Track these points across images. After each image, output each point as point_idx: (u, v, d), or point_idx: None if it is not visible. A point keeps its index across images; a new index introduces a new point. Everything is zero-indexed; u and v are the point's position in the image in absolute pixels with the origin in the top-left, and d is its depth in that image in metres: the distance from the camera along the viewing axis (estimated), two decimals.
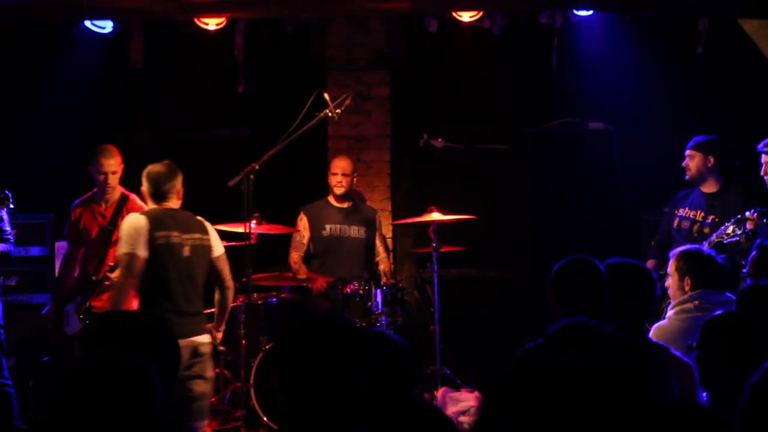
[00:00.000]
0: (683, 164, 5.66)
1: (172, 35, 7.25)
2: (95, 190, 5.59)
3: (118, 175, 5.55)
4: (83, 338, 3.61)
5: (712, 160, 5.59)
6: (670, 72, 7.03)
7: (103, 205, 5.55)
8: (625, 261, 3.64)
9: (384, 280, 6.28)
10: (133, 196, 5.59)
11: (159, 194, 4.63)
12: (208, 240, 4.67)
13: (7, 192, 5.24)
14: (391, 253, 6.87)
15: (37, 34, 7.05)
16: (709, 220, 5.44)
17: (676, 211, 5.70)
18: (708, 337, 2.93)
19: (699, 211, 5.57)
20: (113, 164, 5.51)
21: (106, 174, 5.48)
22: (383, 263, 6.45)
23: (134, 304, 4.77)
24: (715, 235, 5.21)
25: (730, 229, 5.11)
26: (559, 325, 2.29)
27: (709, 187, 5.62)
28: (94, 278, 5.34)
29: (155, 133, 7.66)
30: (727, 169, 5.68)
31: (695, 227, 5.52)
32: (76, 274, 5.56)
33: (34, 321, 5.76)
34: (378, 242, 6.43)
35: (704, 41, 6.60)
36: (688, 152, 5.65)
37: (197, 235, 4.61)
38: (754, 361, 2.37)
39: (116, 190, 5.56)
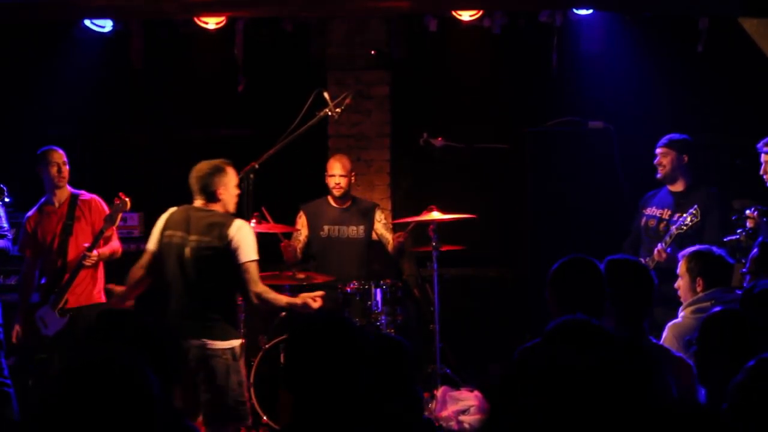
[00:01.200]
0: (655, 162, 5.67)
1: (172, 35, 7.25)
2: (42, 199, 5.64)
3: (68, 168, 5.59)
4: (82, 336, 3.60)
5: (686, 158, 5.63)
6: (670, 72, 7.03)
7: (56, 204, 5.60)
8: (624, 258, 3.64)
9: (391, 246, 6.25)
10: (83, 192, 5.66)
11: (193, 191, 4.69)
12: (217, 244, 4.53)
13: (1, 185, 5.30)
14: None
15: (37, 34, 7.06)
16: (676, 218, 5.47)
17: (644, 210, 5.74)
18: (706, 333, 2.94)
19: (666, 210, 5.60)
20: (62, 155, 5.61)
21: (58, 164, 5.57)
22: (390, 244, 6.36)
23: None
24: (674, 227, 5.25)
25: (689, 220, 5.18)
26: (556, 322, 2.28)
27: (678, 186, 5.65)
28: (70, 263, 5.44)
29: (155, 133, 7.66)
30: (697, 169, 5.69)
31: (662, 225, 5.55)
32: (41, 281, 5.60)
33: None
34: (382, 231, 6.36)
35: (704, 41, 6.60)
36: (660, 150, 5.66)
37: (206, 238, 4.54)
38: (752, 358, 2.37)
39: (66, 189, 5.61)
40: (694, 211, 5.22)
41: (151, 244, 4.67)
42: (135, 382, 1.82)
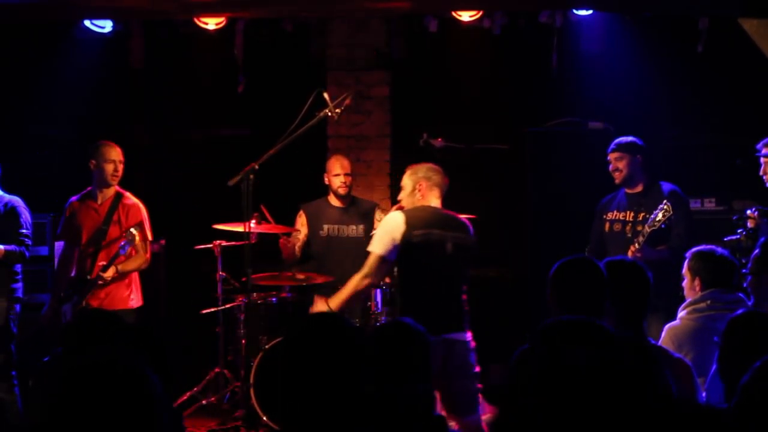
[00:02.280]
0: (610, 168, 5.66)
1: (172, 35, 7.25)
2: (88, 189, 5.63)
3: (122, 167, 5.60)
4: (64, 337, 3.57)
5: (640, 158, 5.63)
6: (670, 72, 7.03)
7: (99, 200, 5.59)
8: (623, 258, 3.64)
9: None
10: (128, 194, 5.65)
11: (436, 190, 4.85)
12: (470, 241, 4.78)
13: None
14: None
15: (37, 34, 7.05)
16: (640, 218, 5.48)
17: (604, 216, 5.72)
18: (731, 333, 2.94)
19: (628, 212, 5.60)
20: (120, 153, 5.62)
21: (114, 162, 5.57)
22: None
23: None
24: (646, 225, 5.25)
25: (660, 215, 5.16)
26: (551, 321, 2.27)
27: (636, 188, 5.65)
28: (88, 277, 5.41)
29: (155, 133, 7.66)
30: (651, 168, 5.69)
31: (628, 227, 5.55)
32: (73, 273, 5.59)
33: (34, 321, 5.76)
34: None
35: (704, 41, 6.60)
36: (614, 155, 5.65)
37: (462, 235, 4.73)
38: None
39: (113, 187, 5.61)
40: (665, 207, 5.16)
41: (381, 248, 4.66)
42: (137, 384, 1.82)
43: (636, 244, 5.22)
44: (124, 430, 1.78)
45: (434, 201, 4.78)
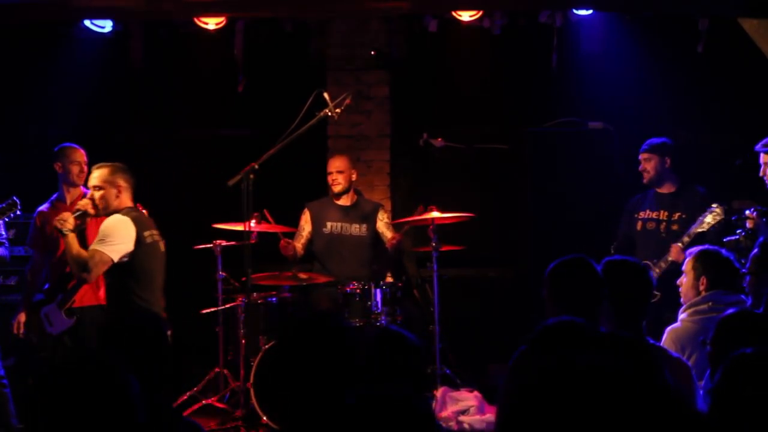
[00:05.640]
0: (640, 168, 5.74)
1: (172, 35, 7.25)
2: (54, 195, 5.62)
3: (87, 168, 5.61)
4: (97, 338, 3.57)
5: (668, 161, 5.73)
6: (670, 72, 7.03)
7: (68, 201, 5.58)
8: (623, 258, 3.64)
9: (389, 245, 6.30)
10: None
11: (131, 192, 4.94)
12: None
13: (15, 198, 5.32)
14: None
15: (37, 34, 7.05)
16: (676, 218, 5.53)
17: (636, 215, 5.79)
18: (721, 334, 2.93)
19: (662, 211, 5.66)
20: (84, 155, 5.61)
21: (80, 164, 5.56)
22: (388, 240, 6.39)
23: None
24: (693, 226, 5.30)
25: (709, 218, 5.25)
26: (545, 325, 2.27)
27: (667, 188, 5.74)
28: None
29: (155, 133, 7.66)
30: (680, 169, 5.74)
31: (662, 226, 5.63)
32: (45, 277, 5.58)
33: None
34: (383, 230, 6.38)
35: (704, 41, 6.60)
36: (644, 155, 5.78)
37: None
38: None
39: (79, 188, 5.61)
40: (716, 210, 5.25)
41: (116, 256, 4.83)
42: (112, 384, 1.83)
43: (680, 244, 5.30)
44: (97, 428, 1.79)
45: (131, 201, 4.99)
